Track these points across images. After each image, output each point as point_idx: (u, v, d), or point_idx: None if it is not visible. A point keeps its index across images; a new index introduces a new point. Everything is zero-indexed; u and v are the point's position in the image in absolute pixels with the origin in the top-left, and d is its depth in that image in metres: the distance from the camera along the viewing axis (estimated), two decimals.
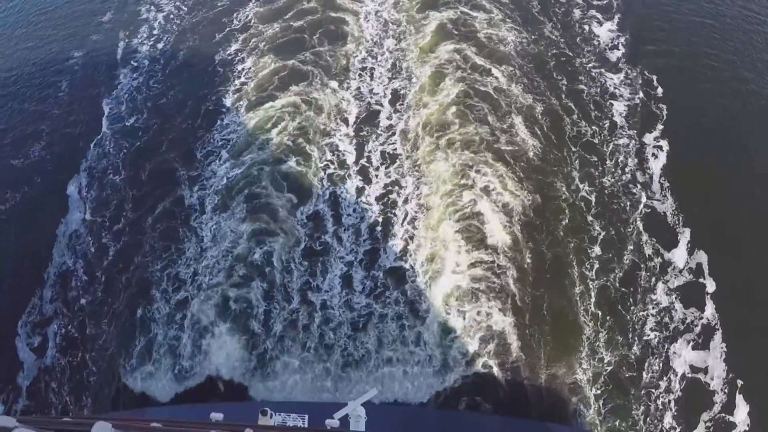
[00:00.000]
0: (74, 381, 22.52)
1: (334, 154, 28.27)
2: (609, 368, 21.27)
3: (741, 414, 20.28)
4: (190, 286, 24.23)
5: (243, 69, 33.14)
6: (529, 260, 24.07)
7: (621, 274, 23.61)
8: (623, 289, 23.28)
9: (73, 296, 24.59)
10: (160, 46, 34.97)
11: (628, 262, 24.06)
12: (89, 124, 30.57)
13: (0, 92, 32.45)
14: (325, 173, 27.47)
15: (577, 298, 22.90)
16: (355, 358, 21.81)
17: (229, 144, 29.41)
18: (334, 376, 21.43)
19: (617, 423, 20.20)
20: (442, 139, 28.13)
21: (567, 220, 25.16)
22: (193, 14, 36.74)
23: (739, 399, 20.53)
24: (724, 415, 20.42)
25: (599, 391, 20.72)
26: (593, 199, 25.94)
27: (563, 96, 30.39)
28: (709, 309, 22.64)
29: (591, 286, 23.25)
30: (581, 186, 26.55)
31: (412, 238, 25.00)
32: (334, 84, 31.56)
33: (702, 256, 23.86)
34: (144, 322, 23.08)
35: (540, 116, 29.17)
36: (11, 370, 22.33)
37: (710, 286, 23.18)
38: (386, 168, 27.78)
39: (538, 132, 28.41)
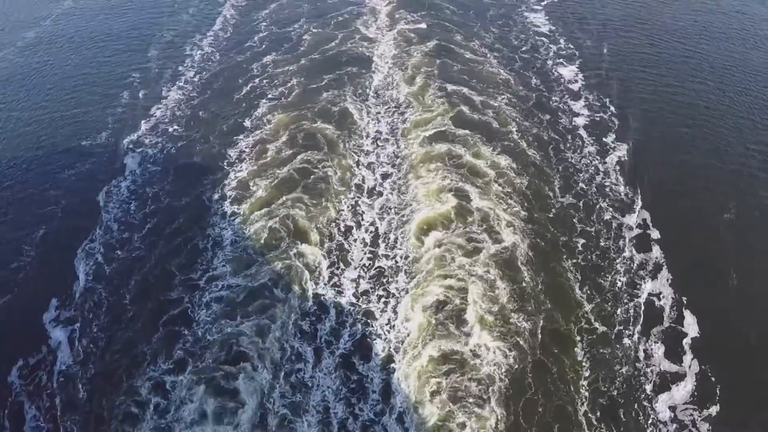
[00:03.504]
0: (109, 306, 25.74)
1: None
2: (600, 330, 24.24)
3: (690, 323, 24.17)
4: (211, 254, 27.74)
5: (266, 100, 39.04)
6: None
7: (597, 245, 27.82)
8: (600, 262, 27.14)
9: (113, 244, 28.51)
10: (198, 76, 42.01)
11: (598, 231, 28.56)
12: (140, 120, 37.01)
13: (73, 96, 39.89)
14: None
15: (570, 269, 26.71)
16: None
17: (248, 154, 34.16)
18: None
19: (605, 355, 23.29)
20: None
21: (554, 210, 29.74)
22: (226, 55, 44.55)
23: (687, 312, 24.53)
24: (675, 326, 24.20)
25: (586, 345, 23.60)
26: (571, 190, 31.07)
27: (543, 120, 36.56)
28: (656, 251, 27.34)
29: (575, 261, 27.06)
30: (562, 182, 31.60)
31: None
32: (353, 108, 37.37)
33: (646, 214, 29.23)
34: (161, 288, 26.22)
35: (527, 133, 35.13)
36: (69, 280, 26.38)
37: (654, 234, 28.19)
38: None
39: (529, 139, 34.55)
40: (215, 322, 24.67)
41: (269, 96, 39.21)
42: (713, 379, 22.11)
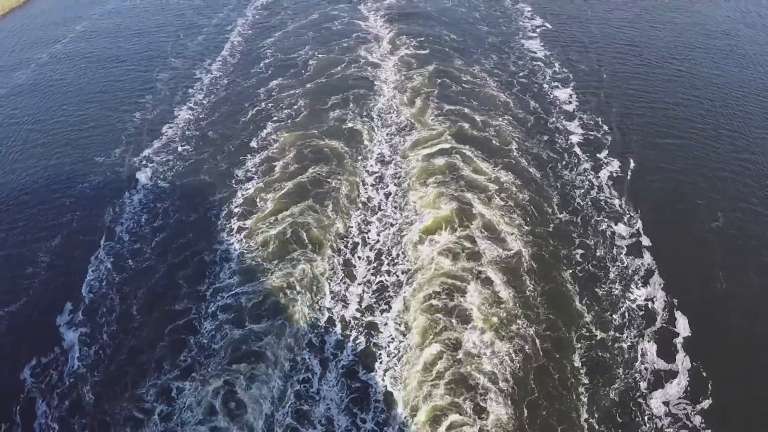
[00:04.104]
0: (119, 313, 27.11)
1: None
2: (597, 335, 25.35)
3: (681, 324, 25.44)
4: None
5: (273, 122, 41.08)
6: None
7: (594, 255, 29.15)
8: (597, 271, 28.36)
9: (124, 254, 30.08)
10: (206, 99, 44.36)
11: (594, 242, 29.94)
12: (151, 138, 39.26)
13: (87, 113, 42.46)
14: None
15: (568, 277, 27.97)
16: None
17: (255, 172, 35.89)
18: None
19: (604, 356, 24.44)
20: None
21: (553, 225, 31.14)
22: (234, 77, 47.15)
23: (678, 314, 25.80)
24: (668, 326, 25.44)
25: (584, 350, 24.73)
26: (569, 204, 32.65)
27: (542, 141, 38.35)
28: (648, 258, 28.77)
29: (574, 270, 28.31)
30: (560, 197, 33.13)
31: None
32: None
33: (638, 224, 30.81)
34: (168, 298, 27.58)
35: (527, 156, 36.80)
36: (81, 286, 28.04)
37: (646, 241, 29.69)
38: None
39: (528, 158, 36.30)
40: (220, 332, 25.78)
41: (276, 118, 41.23)
42: (704, 374, 23.19)
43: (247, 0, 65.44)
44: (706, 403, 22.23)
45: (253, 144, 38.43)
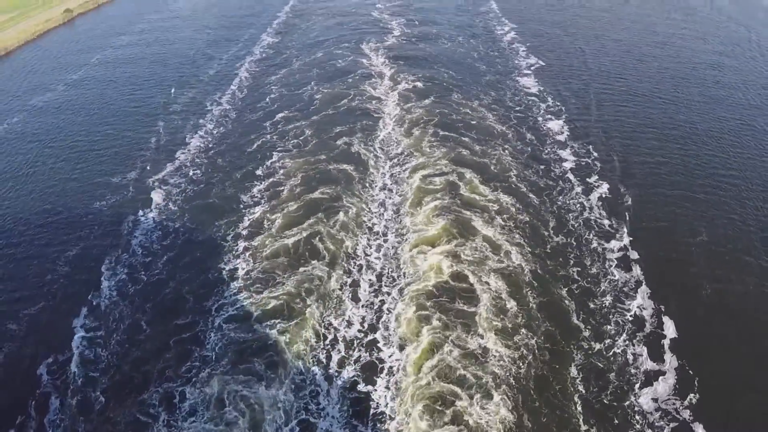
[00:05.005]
0: (130, 321, 28.79)
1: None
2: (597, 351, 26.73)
3: (668, 327, 27.28)
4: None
5: (278, 152, 43.71)
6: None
7: (588, 272, 31.11)
8: (591, 287, 30.18)
9: (137, 267, 32.05)
10: (216, 129, 47.40)
11: (588, 259, 31.95)
12: (165, 162, 42.03)
13: (104, 136, 45.62)
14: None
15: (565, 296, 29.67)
16: None
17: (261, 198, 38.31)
18: None
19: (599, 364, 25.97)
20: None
21: (550, 242, 33.29)
22: (243, 109, 50.44)
23: (665, 318, 27.68)
24: (656, 330, 27.23)
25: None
26: (564, 225, 34.81)
27: (538, 169, 40.93)
28: (637, 270, 30.90)
29: (570, 287, 30.03)
30: (556, 219, 35.30)
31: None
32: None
33: (627, 240, 33.11)
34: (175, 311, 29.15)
35: (522, 181, 39.32)
36: (96, 293, 30.07)
37: (634, 255, 31.91)
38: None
39: (525, 184, 38.80)
40: (224, 345, 27.19)
41: (281, 148, 43.95)
42: (691, 372, 24.80)
43: (255, 39, 70.28)
44: (693, 398, 23.74)
45: (259, 172, 40.85)
